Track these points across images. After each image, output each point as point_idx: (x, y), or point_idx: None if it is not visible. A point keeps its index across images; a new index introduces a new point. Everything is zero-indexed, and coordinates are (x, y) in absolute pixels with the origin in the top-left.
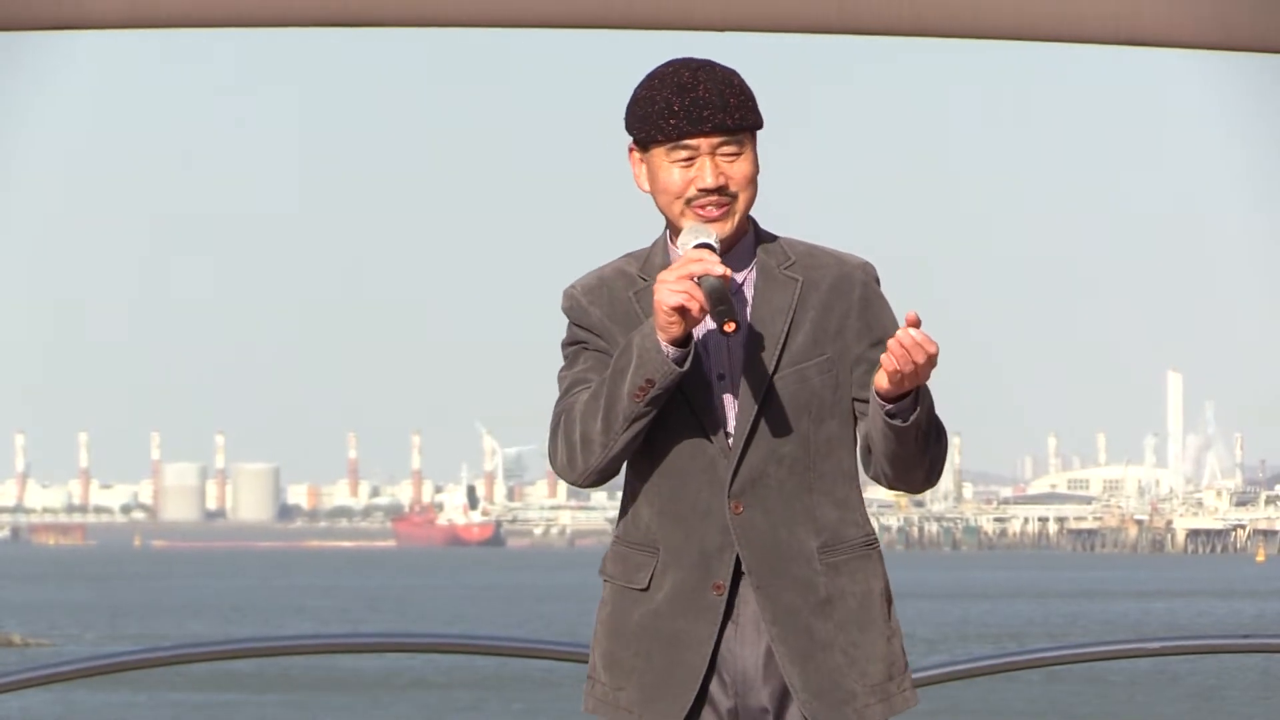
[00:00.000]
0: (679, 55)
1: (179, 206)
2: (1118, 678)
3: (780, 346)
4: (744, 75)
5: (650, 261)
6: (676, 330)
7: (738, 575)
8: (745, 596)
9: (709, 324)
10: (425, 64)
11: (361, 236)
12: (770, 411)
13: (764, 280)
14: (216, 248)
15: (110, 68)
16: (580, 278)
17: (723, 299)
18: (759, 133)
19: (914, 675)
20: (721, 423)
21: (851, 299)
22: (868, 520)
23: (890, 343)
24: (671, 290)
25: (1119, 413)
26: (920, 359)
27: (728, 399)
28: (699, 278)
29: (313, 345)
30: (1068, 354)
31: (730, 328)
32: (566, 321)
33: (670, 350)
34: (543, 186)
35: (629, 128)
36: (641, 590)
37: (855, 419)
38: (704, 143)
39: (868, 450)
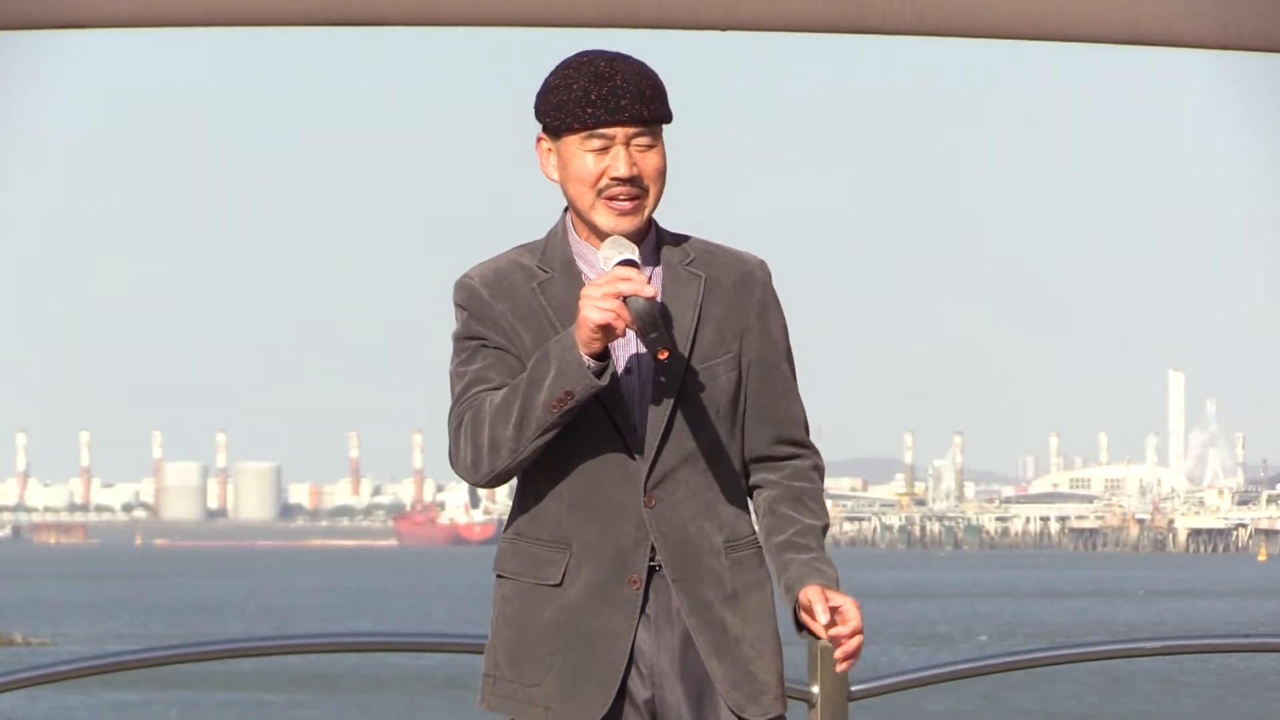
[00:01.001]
0: (666, 55)
1: (181, 207)
2: (1119, 677)
3: (690, 342)
4: (738, 72)
5: (548, 253)
6: (598, 346)
7: (650, 569)
8: (656, 590)
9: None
10: (427, 64)
11: (362, 236)
12: (682, 408)
13: (669, 276)
14: (218, 247)
15: (112, 68)
16: (475, 269)
17: (655, 324)
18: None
19: (921, 674)
20: (633, 418)
21: (752, 300)
22: (752, 519)
23: (839, 654)
24: (598, 307)
25: (1121, 412)
26: (861, 640)
27: (638, 394)
28: (626, 297)
29: (314, 344)
30: (1069, 353)
31: (663, 355)
32: (460, 315)
33: (590, 363)
34: (547, 189)
35: (540, 114)
36: (554, 586)
37: (743, 420)
38: (619, 132)
39: (747, 466)
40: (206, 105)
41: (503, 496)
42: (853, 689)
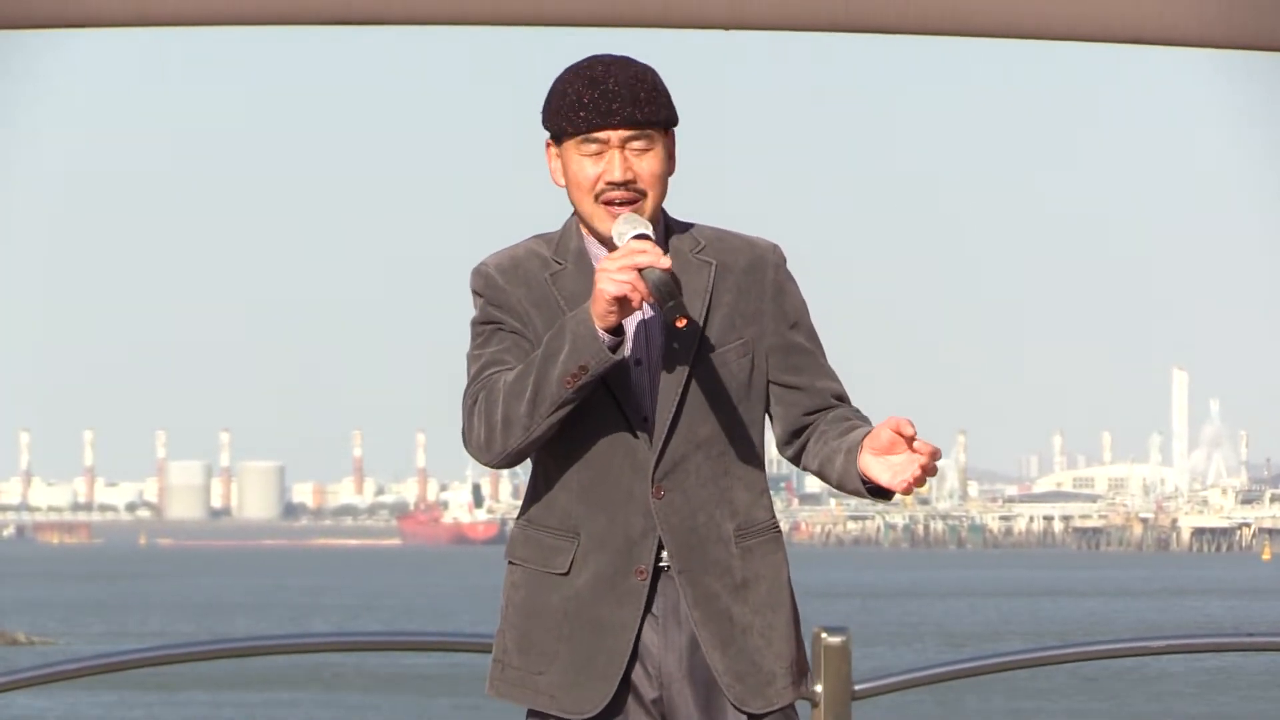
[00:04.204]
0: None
1: (182, 206)
2: (1124, 675)
3: (699, 331)
4: (743, 70)
5: (563, 245)
6: (613, 320)
7: (657, 564)
8: (664, 589)
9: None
10: (431, 64)
11: (366, 236)
12: (691, 397)
13: (679, 264)
14: (220, 246)
15: (112, 67)
16: (491, 256)
17: (672, 293)
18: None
19: (927, 673)
20: (642, 408)
21: (765, 283)
22: (772, 503)
23: (914, 472)
24: (614, 280)
25: (1124, 411)
26: (935, 470)
27: (647, 384)
28: (642, 269)
29: (318, 343)
30: (1073, 352)
31: (681, 323)
32: (477, 300)
33: (605, 338)
34: (551, 188)
35: (543, 121)
36: (561, 575)
37: (768, 401)
38: (613, 135)
39: (792, 438)
40: (210, 104)
41: (506, 496)
42: (856, 688)
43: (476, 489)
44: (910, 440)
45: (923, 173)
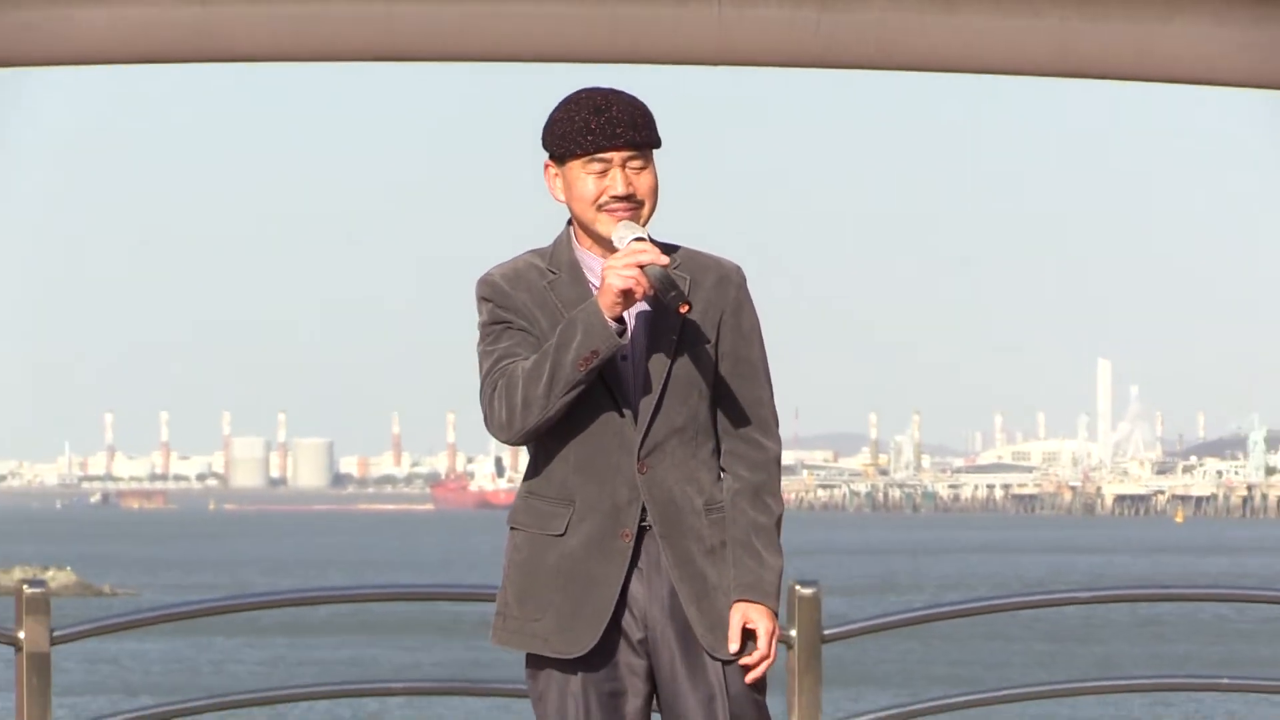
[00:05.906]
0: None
1: (250, 215)
2: (1055, 622)
3: (677, 333)
4: (725, 102)
5: (556, 257)
6: (619, 311)
7: (641, 529)
8: (647, 547)
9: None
10: (448, 93)
11: (404, 242)
12: (670, 388)
13: None
14: (280, 254)
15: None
16: (494, 268)
17: (673, 285)
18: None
19: (885, 619)
20: (630, 397)
21: (728, 299)
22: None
23: (747, 678)
24: (620, 275)
25: (1056, 395)
26: (767, 664)
27: (633, 376)
28: (645, 266)
29: (363, 336)
30: (1012, 344)
31: (685, 309)
32: (486, 305)
33: (614, 325)
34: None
35: (547, 145)
36: (557, 536)
37: (716, 400)
38: (616, 156)
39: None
40: (248, 100)
41: (524, 467)
42: (825, 632)
43: (499, 461)
44: (741, 644)
45: (883, 175)
